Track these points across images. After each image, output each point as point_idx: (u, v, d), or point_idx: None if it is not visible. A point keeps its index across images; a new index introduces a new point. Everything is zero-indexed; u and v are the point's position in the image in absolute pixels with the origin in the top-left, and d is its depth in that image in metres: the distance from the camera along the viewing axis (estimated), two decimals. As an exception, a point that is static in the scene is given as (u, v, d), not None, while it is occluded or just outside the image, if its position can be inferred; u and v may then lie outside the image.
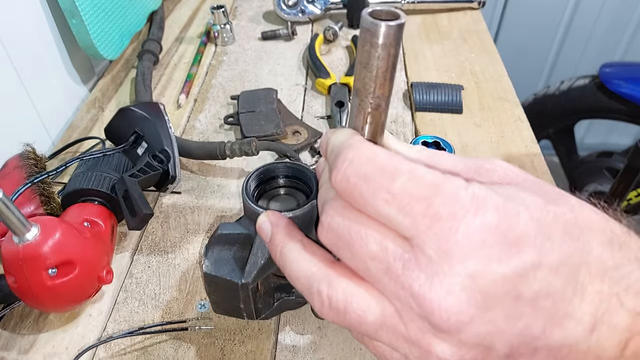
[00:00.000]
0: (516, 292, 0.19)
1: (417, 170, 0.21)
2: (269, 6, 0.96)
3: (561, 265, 0.20)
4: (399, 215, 0.21)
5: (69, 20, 0.65)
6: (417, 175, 0.21)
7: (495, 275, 0.19)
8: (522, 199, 0.21)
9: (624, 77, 1.28)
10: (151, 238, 0.52)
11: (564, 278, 0.20)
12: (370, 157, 0.22)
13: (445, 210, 0.20)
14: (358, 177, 0.22)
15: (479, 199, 0.20)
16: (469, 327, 0.20)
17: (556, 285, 0.20)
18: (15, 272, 0.37)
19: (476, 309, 0.20)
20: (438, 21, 0.90)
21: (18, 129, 0.59)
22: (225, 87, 0.75)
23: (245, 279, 0.34)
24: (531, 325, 0.20)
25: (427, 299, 0.20)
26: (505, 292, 0.19)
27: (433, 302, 0.20)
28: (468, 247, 0.19)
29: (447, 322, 0.20)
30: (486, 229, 0.19)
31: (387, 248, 0.21)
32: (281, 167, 0.38)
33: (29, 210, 0.44)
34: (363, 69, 0.23)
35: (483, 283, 0.19)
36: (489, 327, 0.20)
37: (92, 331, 0.43)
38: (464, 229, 0.19)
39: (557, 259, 0.20)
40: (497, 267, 0.19)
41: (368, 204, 0.21)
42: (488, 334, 0.20)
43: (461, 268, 0.19)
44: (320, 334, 0.42)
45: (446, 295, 0.20)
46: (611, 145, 1.68)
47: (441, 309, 0.20)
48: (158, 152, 0.51)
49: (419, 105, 0.69)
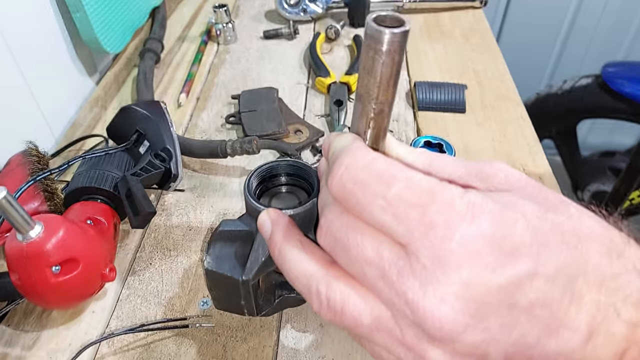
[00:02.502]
0: (511, 301, 0.19)
1: (413, 177, 0.21)
2: (271, 5, 0.96)
3: (558, 274, 0.20)
4: (394, 222, 0.21)
5: (73, 14, 0.65)
6: (414, 182, 0.21)
7: (489, 284, 0.19)
8: (520, 207, 0.21)
9: (627, 77, 1.27)
10: (154, 236, 0.52)
11: (561, 287, 0.20)
12: (367, 163, 0.22)
13: (440, 218, 0.20)
14: (354, 184, 0.22)
15: (475, 206, 0.20)
16: (463, 336, 0.20)
17: (552, 295, 0.20)
18: (19, 270, 0.38)
19: (470, 318, 0.20)
20: (440, 20, 0.90)
21: (21, 126, 0.59)
22: (227, 85, 0.75)
23: (246, 276, 0.35)
24: (526, 334, 0.20)
25: (420, 307, 0.20)
26: (500, 301, 0.19)
27: (427, 311, 0.20)
28: (463, 256, 0.19)
29: (440, 330, 0.20)
30: (481, 238, 0.19)
31: (383, 254, 0.21)
32: (283, 165, 0.39)
33: (33, 206, 0.45)
34: (367, 74, 0.23)
35: (477, 292, 0.19)
36: (483, 335, 0.20)
37: (95, 328, 0.43)
38: (459, 237, 0.19)
39: (553, 268, 0.20)
40: (491, 276, 0.19)
41: (364, 211, 0.22)
42: (482, 343, 0.20)
43: (455, 276, 0.19)
44: (322, 332, 0.43)
45: (440, 304, 0.19)
46: (614, 145, 1.68)
47: (434, 317, 0.20)
48: (160, 151, 0.51)
49: (422, 104, 0.69)
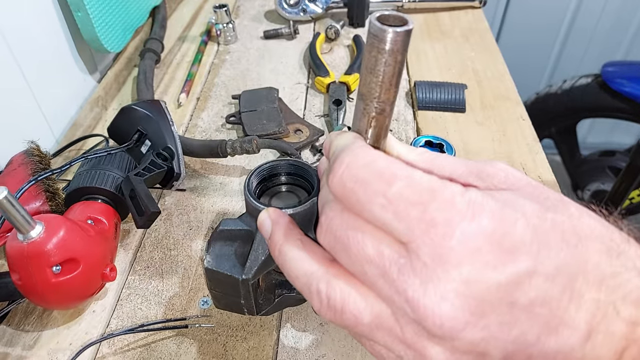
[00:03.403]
0: (511, 299, 0.20)
1: (414, 175, 0.21)
2: (271, 5, 0.96)
3: (557, 273, 0.20)
4: (394, 221, 0.21)
5: (74, 13, 0.65)
6: (414, 181, 0.21)
7: (489, 282, 0.19)
8: (520, 206, 0.21)
9: (627, 76, 1.27)
10: (154, 235, 0.52)
11: (560, 286, 0.20)
12: (368, 162, 0.22)
13: (440, 216, 0.20)
14: (355, 182, 0.22)
15: (475, 205, 0.20)
16: (463, 333, 0.20)
17: (552, 293, 0.20)
18: (20, 270, 0.38)
19: (470, 316, 0.20)
20: (440, 20, 0.90)
21: (22, 126, 0.59)
22: (227, 85, 0.75)
23: (246, 275, 0.35)
24: (526, 332, 0.20)
25: (420, 304, 0.20)
26: (500, 299, 0.20)
27: (427, 308, 0.20)
28: (463, 253, 0.19)
29: (440, 328, 0.20)
30: (481, 236, 0.20)
31: (383, 253, 0.21)
32: (283, 164, 0.39)
33: (34, 206, 0.45)
34: (369, 74, 0.23)
35: (477, 290, 0.19)
36: (483, 333, 0.20)
37: (95, 327, 0.43)
38: (459, 235, 0.20)
39: (553, 267, 0.20)
40: (491, 273, 0.19)
41: (364, 209, 0.22)
42: (482, 340, 0.20)
43: (456, 274, 0.19)
44: (322, 331, 0.43)
45: (440, 301, 0.20)
46: (613, 144, 1.68)
47: (435, 315, 0.20)
48: (162, 150, 0.52)
49: (422, 103, 0.69)
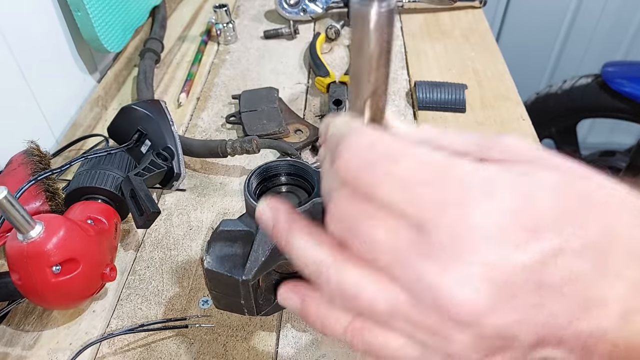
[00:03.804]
0: (537, 280, 0.18)
1: (422, 152, 0.19)
2: (271, 5, 0.96)
3: (585, 249, 0.18)
4: (406, 203, 0.19)
5: (74, 12, 0.65)
6: (424, 158, 0.19)
7: (513, 263, 0.18)
8: (540, 179, 0.19)
9: (627, 76, 1.27)
10: (154, 235, 0.52)
11: (590, 263, 0.18)
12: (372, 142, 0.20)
13: (455, 195, 0.18)
14: (360, 165, 0.20)
15: (492, 181, 0.18)
16: (488, 319, 0.18)
17: (581, 271, 0.18)
18: (20, 270, 0.38)
19: (494, 300, 0.18)
20: (440, 20, 0.90)
21: (22, 125, 0.59)
22: (227, 85, 0.75)
23: (246, 276, 0.35)
24: (556, 314, 0.18)
25: (440, 290, 0.18)
26: (526, 280, 0.18)
27: (447, 294, 0.18)
28: (482, 234, 0.18)
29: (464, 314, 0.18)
30: (500, 214, 0.18)
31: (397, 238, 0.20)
32: (283, 165, 0.39)
33: (34, 206, 0.45)
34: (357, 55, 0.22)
35: (500, 272, 0.18)
36: (510, 317, 0.18)
37: (95, 327, 0.43)
38: (477, 214, 0.18)
39: (580, 243, 0.18)
40: (514, 254, 0.18)
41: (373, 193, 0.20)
42: (510, 325, 0.18)
43: (476, 257, 0.18)
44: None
45: (462, 286, 0.18)
46: (614, 145, 1.68)
47: (456, 300, 0.18)
48: (162, 150, 0.52)
49: (422, 103, 0.69)
